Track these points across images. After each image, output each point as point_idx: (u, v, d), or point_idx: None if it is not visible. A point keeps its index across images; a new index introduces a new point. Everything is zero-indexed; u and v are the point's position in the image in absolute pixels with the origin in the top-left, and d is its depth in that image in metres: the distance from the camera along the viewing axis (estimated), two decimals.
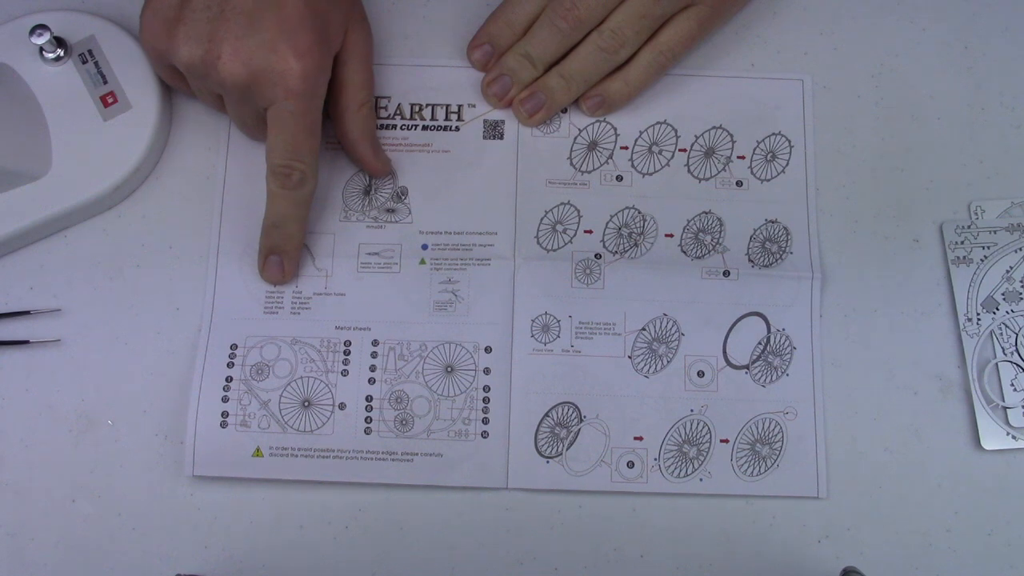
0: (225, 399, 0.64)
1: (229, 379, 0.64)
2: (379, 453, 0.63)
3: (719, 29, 0.69)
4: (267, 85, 0.59)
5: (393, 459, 0.63)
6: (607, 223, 0.67)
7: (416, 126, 0.69)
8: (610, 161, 0.68)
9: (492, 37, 0.68)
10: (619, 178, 0.68)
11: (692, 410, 0.65)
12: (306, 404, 0.64)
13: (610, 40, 0.65)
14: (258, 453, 0.63)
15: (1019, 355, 0.65)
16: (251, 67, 0.59)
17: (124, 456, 0.64)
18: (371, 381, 0.65)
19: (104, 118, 0.66)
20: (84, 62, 0.66)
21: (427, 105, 0.69)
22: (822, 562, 0.63)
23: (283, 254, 0.65)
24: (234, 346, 0.65)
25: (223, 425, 0.63)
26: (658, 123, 0.69)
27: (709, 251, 0.67)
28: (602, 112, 0.69)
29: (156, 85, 0.66)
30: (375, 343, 0.65)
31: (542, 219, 0.67)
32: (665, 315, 0.66)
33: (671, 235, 0.67)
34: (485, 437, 0.64)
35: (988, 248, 0.66)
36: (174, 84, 0.66)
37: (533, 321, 0.65)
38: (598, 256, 0.67)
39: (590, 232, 0.67)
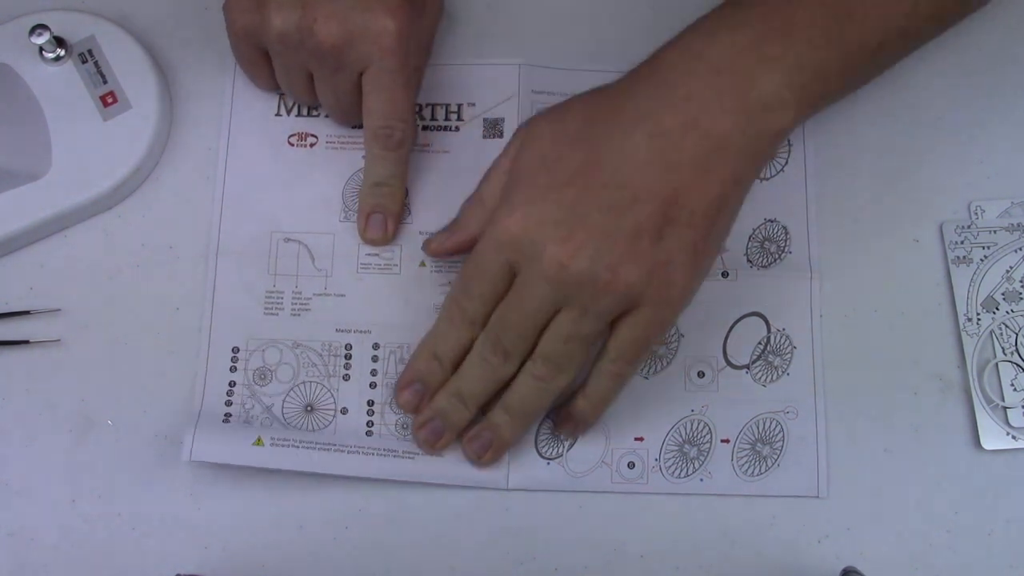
0: (228, 403, 0.64)
1: (232, 383, 0.64)
2: (380, 450, 0.63)
3: (672, 324, 0.62)
4: (363, 45, 0.60)
5: (394, 456, 0.63)
6: None
7: (416, 125, 0.69)
8: None
9: (421, 375, 0.62)
10: None
11: (692, 410, 0.65)
12: (309, 409, 0.64)
13: (543, 368, 0.59)
14: (259, 442, 0.62)
15: (1019, 355, 0.65)
16: (347, 27, 0.59)
17: (124, 456, 0.64)
18: (372, 385, 0.65)
19: (104, 118, 0.66)
20: (84, 62, 0.66)
21: (427, 105, 0.69)
22: (822, 562, 0.63)
23: (386, 212, 0.65)
24: (236, 348, 0.65)
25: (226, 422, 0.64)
26: None
27: None
28: (581, 431, 0.63)
29: (156, 85, 0.66)
30: (376, 347, 0.65)
31: None
32: None
33: None
34: None
35: (988, 248, 0.66)
36: (254, 72, 0.66)
37: None
38: None
39: None
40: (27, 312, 0.65)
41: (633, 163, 0.55)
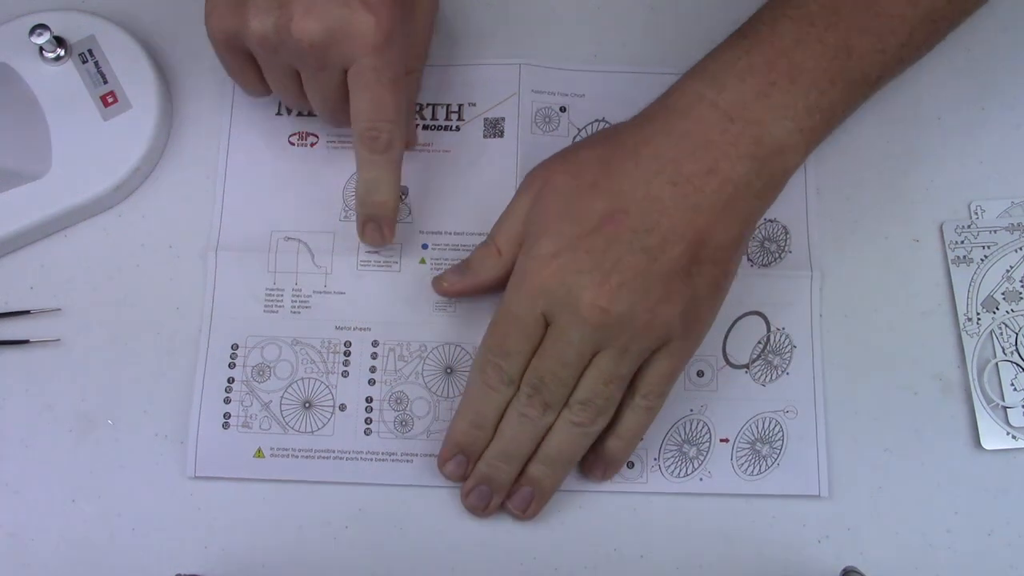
0: (227, 400, 0.64)
1: (231, 380, 0.64)
2: (379, 454, 0.63)
3: (694, 354, 0.62)
4: (344, 41, 0.58)
5: (393, 460, 0.63)
6: None
7: (416, 125, 0.69)
8: None
9: (462, 445, 0.62)
10: None
11: (692, 410, 0.65)
12: (307, 405, 0.64)
13: (581, 414, 0.59)
14: (259, 454, 0.63)
15: (1019, 355, 0.65)
16: (326, 23, 0.58)
17: (124, 456, 0.64)
18: (371, 382, 0.65)
19: (104, 118, 0.66)
20: (84, 62, 0.66)
21: (427, 105, 0.69)
22: (822, 562, 0.63)
23: (381, 221, 0.64)
24: (235, 346, 0.65)
25: (225, 426, 0.64)
26: None
27: None
28: (611, 474, 0.63)
29: (156, 85, 0.66)
30: (375, 343, 0.65)
31: None
32: None
33: None
34: None
35: (988, 248, 0.66)
36: (242, 79, 0.64)
37: None
38: None
39: None
40: (27, 312, 0.65)
41: (659, 209, 0.57)
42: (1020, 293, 0.66)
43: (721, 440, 0.64)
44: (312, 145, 0.68)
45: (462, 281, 0.63)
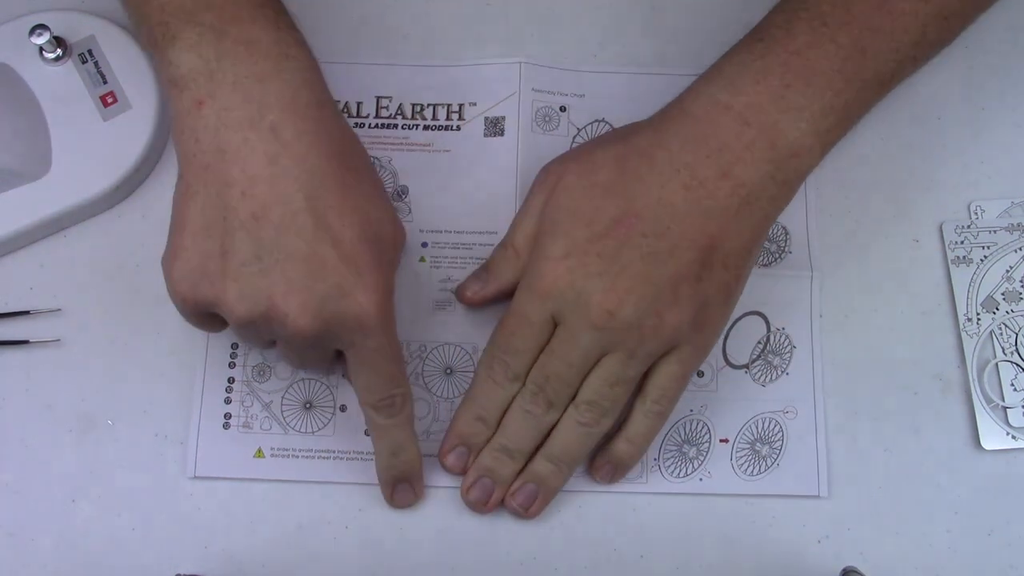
0: (228, 400, 0.64)
1: (231, 380, 0.64)
2: None
3: (705, 359, 0.62)
4: (343, 331, 0.55)
5: None
6: None
7: (417, 126, 0.69)
8: None
9: (465, 437, 0.62)
10: None
11: (691, 410, 0.65)
12: (307, 406, 0.64)
13: (587, 414, 0.59)
14: (259, 454, 0.63)
15: (1019, 355, 0.65)
16: (323, 317, 0.54)
17: (124, 456, 0.63)
18: None
19: (104, 118, 0.66)
20: (84, 62, 0.66)
21: (428, 105, 0.69)
22: (822, 562, 0.63)
23: (411, 480, 0.62)
24: (235, 346, 0.65)
25: (225, 427, 0.64)
26: None
27: None
28: (619, 476, 0.63)
29: (156, 85, 0.66)
30: None
31: None
32: None
33: None
34: None
35: (988, 248, 0.66)
36: (202, 329, 0.59)
37: None
38: None
39: None
40: (27, 312, 0.65)
41: (671, 213, 0.57)
42: (1020, 293, 0.66)
43: (721, 440, 0.64)
44: None
45: (486, 288, 0.63)
